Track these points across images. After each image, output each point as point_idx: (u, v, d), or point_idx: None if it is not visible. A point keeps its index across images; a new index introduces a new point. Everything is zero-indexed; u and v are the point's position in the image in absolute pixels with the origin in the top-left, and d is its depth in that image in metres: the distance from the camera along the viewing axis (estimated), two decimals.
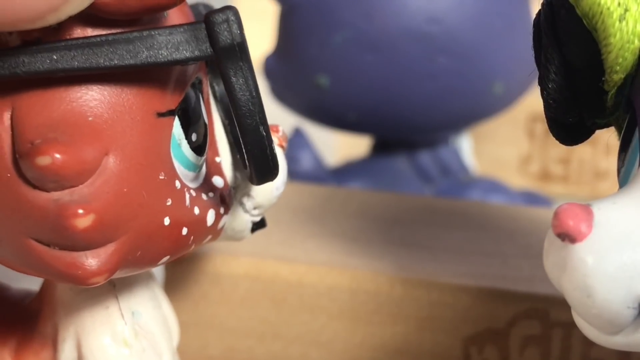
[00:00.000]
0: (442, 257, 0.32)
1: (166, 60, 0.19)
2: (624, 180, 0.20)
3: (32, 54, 0.19)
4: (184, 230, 0.21)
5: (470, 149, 0.49)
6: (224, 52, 0.20)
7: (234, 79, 0.20)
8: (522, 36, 0.38)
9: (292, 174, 0.44)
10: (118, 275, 0.21)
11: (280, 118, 0.51)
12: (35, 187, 0.19)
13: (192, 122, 0.22)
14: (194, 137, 0.22)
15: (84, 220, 0.19)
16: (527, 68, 0.23)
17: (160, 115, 0.21)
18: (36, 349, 0.24)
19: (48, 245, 0.20)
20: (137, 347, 0.23)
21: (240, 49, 0.20)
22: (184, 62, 0.20)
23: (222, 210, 0.23)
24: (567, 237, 0.18)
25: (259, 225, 0.25)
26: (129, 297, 0.24)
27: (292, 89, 0.43)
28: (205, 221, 0.22)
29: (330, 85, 0.41)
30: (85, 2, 0.18)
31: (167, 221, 0.21)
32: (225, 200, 0.23)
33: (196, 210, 0.22)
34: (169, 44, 0.19)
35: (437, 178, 0.45)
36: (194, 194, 0.22)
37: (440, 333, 0.30)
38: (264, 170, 0.21)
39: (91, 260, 0.20)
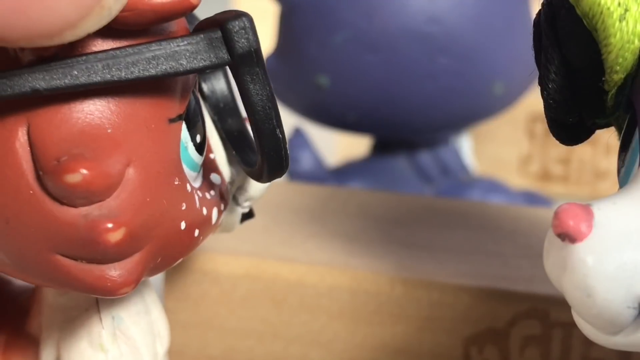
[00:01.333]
0: (442, 257, 0.32)
1: (186, 69, 0.19)
2: (624, 180, 0.20)
3: (51, 70, 0.19)
4: (196, 232, 0.22)
5: (470, 149, 0.49)
6: (242, 58, 0.20)
7: (251, 85, 0.20)
8: (522, 36, 0.38)
9: (292, 174, 0.44)
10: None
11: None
12: (62, 203, 0.19)
13: (194, 123, 0.22)
14: (198, 138, 0.22)
15: (115, 235, 0.19)
16: (527, 68, 0.23)
17: (171, 121, 0.21)
18: (23, 346, 0.24)
19: (75, 259, 0.20)
20: (113, 352, 0.23)
21: (256, 55, 0.20)
22: (202, 70, 0.20)
23: (222, 207, 0.23)
24: (567, 237, 0.18)
25: (247, 216, 0.25)
26: (110, 301, 0.24)
27: (292, 89, 0.43)
28: (211, 220, 0.22)
29: (330, 85, 0.41)
30: (103, 20, 0.18)
31: (183, 225, 0.21)
32: (224, 196, 0.23)
33: (204, 211, 0.22)
34: (188, 53, 0.19)
35: (437, 178, 0.45)
36: (200, 194, 0.22)
37: (440, 333, 0.30)
38: (277, 170, 0.21)
39: (119, 272, 0.20)
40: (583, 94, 0.21)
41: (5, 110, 0.19)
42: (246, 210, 0.25)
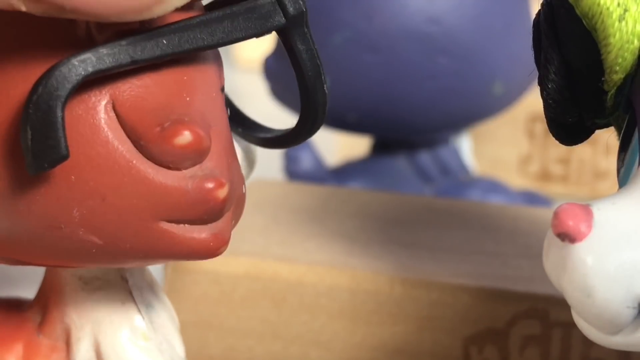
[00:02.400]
0: (442, 257, 0.32)
1: (254, 32, 0.21)
2: (623, 180, 0.20)
3: (143, 41, 0.19)
4: (245, 198, 0.23)
5: (470, 149, 0.49)
6: (294, 20, 0.21)
7: (300, 45, 0.22)
8: (522, 36, 0.38)
9: (292, 174, 0.44)
10: None
11: (280, 118, 0.51)
12: (167, 167, 0.20)
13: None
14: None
15: (222, 191, 0.20)
16: (527, 68, 0.23)
17: (222, 90, 0.22)
18: (46, 352, 0.24)
19: (178, 223, 0.20)
20: (155, 340, 0.24)
21: (304, 17, 0.21)
22: (261, 34, 0.21)
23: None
24: (567, 237, 0.18)
25: None
26: (140, 291, 0.24)
27: (292, 89, 0.43)
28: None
29: (330, 85, 0.41)
30: None
31: (243, 189, 0.22)
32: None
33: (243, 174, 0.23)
34: (253, 18, 0.21)
35: (437, 178, 0.45)
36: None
37: (440, 333, 0.30)
38: (319, 123, 0.23)
39: (218, 231, 0.21)
40: (583, 94, 0.21)
41: (89, 87, 0.19)
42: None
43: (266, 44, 0.46)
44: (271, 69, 0.43)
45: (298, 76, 0.22)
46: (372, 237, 0.33)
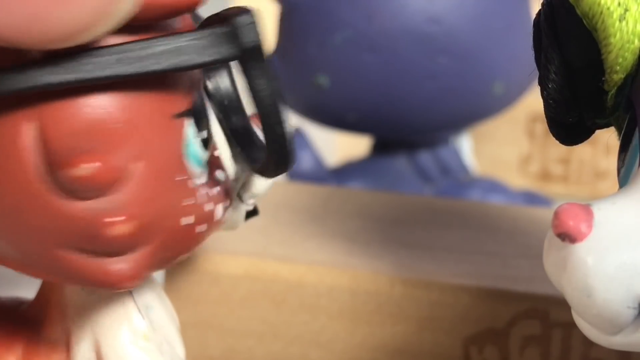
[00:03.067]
0: (442, 257, 0.32)
1: (195, 63, 0.20)
2: (624, 180, 0.20)
3: (63, 65, 0.19)
4: (201, 228, 0.22)
5: (470, 149, 0.49)
6: (249, 53, 0.20)
7: (258, 80, 0.20)
8: (522, 36, 0.38)
9: (292, 174, 0.44)
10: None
11: None
12: (70, 197, 0.19)
13: (200, 119, 0.22)
14: (204, 134, 0.22)
15: (121, 228, 0.20)
16: (527, 68, 0.23)
17: (176, 116, 0.21)
18: (46, 352, 0.24)
19: (81, 253, 0.20)
20: (156, 341, 0.24)
21: (262, 50, 0.20)
22: (210, 64, 0.20)
23: (227, 203, 0.23)
24: (567, 237, 0.18)
25: (252, 213, 0.25)
26: (141, 292, 0.24)
27: (292, 89, 0.43)
28: (215, 216, 0.22)
29: (330, 85, 0.41)
30: (117, 23, 0.18)
31: (184, 221, 0.21)
32: (228, 193, 0.23)
33: (209, 207, 0.22)
34: (196, 47, 0.20)
35: (437, 178, 0.45)
36: (203, 191, 0.22)
37: (440, 333, 0.30)
38: (283, 164, 0.22)
39: (125, 265, 0.20)
40: (583, 94, 0.21)
41: (13, 106, 0.19)
42: (250, 207, 0.25)
43: (266, 43, 0.46)
44: None
45: (256, 111, 0.21)
46: (372, 237, 0.33)
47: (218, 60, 0.20)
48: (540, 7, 0.21)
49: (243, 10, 0.20)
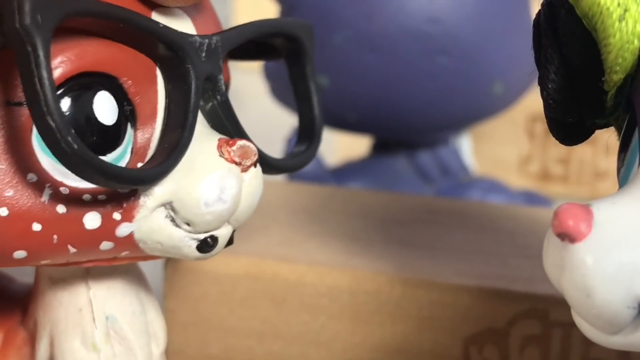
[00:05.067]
0: (442, 257, 0.32)
1: None
2: (623, 180, 0.20)
3: None
4: (36, 226, 0.21)
5: (470, 149, 0.49)
6: (11, 38, 0.19)
7: (20, 68, 0.19)
8: (522, 36, 0.38)
9: (292, 174, 0.44)
10: None
11: (280, 118, 0.51)
12: None
13: (70, 118, 0.21)
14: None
15: None
16: (527, 68, 0.23)
17: (12, 104, 0.20)
18: (19, 344, 0.24)
19: None
20: (106, 352, 0.23)
21: (26, 35, 0.19)
22: None
23: (116, 216, 0.22)
24: (567, 237, 0.18)
25: (205, 244, 0.23)
26: (104, 300, 0.24)
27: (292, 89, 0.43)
28: (80, 223, 0.21)
29: (330, 85, 0.41)
30: None
31: (3, 212, 0.20)
32: (122, 205, 0.22)
33: (60, 209, 0.21)
34: None
35: (437, 178, 0.45)
36: (65, 191, 0.21)
37: (440, 333, 0.30)
38: (65, 162, 0.20)
39: None
40: (583, 94, 0.21)
41: None
42: (199, 236, 0.23)
43: None
44: (271, 69, 0.43)
45: None
46: (372, 237, 0.33)
47: None
48: (540, 7, 0.21)
49: None
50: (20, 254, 0.21)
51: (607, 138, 0.22)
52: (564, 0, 0.20)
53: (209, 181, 0.22)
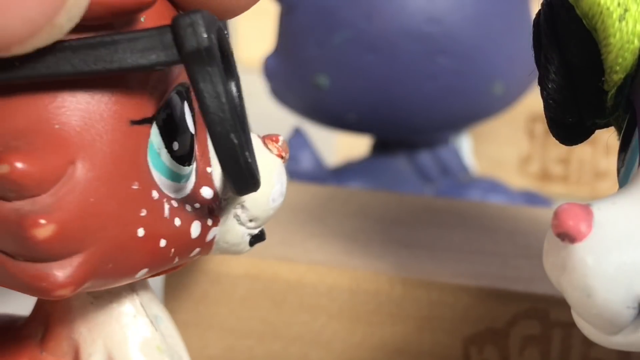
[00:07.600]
0: (442, 257, 0.32)
1: (131, 66, 0.19)
2: (623, 180, 0.20)
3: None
4: (162, 242, 0.21)
5: (470, 149, 0.49)
6: (190, 57, 0.19)
7: (201, 85, 0.19)
8: (522, 36, 0.38)
9: (292, 174, 0.44)
10: (90, 288, 0.20)
11: (280, 118, 0.51)
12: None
13: (174, 130, 0.21)
14: (175, 146, 0.21)
15: (43, 231, 0.19)
16: (527, 68, 0.23)
17: (135, 123, 0.20)
18: None
19: (13, 257, 0.19)
20: (168, 352, 0.23)
21: (207, 54, 0.19)
22: (149, 68, 0.19)
23: (209, 222, 0.22)
24: (567, 237, 0.18)
25: (257, 238, 0.24)
26: (150, 303, 0.24)
27: (292, 89, 0.43)
28: (188, 233, 0.21)
29: (330, 85, 0.41)
30: (53, 37, 0.18)
31: (141, 232, 0.20)
32: (213, 211, 0.22)
33: (177, 222, 0.21)
34: (134, 49, 0.19)
35: (437, 178, 0.45)
36: (175, 204, 0.21)
37: (440, 333, 0.30)
38: (240, 181, 0.20)
39: (57, 272, 0.19)
40: (583, 94, 0.21)
41: None
42: (254, 231, 0.24)
43: (266, 43, 0.46)
44: (271, 68, 0.43)
45: (203, 118, 0.19)
46: (372, 237, 0.33)
47: (158, 63, 0.19)
48: (540, 7, 0.21)
49: (190, 12, 0.19)
50: (143, 272, 0.21)
51: (607, 138, 0.22)
52: (564, 0, 0.20)
53: (275, 177, 0.23)
